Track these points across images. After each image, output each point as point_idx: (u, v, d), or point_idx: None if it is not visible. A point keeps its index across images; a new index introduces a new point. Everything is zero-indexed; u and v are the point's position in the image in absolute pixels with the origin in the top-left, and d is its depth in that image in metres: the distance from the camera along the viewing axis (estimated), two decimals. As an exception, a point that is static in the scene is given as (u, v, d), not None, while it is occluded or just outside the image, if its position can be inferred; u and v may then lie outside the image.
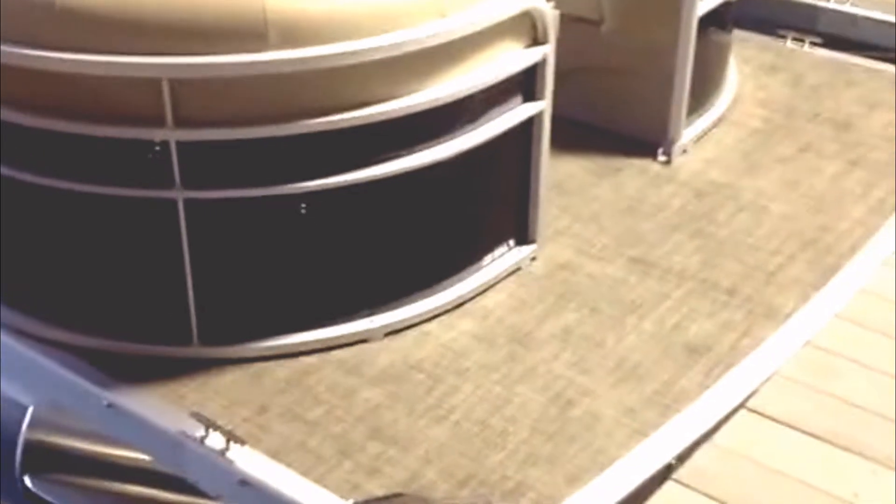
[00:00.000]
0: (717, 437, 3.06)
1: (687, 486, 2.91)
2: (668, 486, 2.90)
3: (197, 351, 3.24)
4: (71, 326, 3.27)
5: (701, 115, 4.33)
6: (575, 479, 2.90)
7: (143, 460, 3.55)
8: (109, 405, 3.11)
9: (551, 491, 2.87)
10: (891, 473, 2.95)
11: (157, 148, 2.95)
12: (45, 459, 3.55)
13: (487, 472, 2.92)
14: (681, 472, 2.94)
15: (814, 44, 4.88)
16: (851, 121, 4.40)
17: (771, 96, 4.57)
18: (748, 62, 4.79)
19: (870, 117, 4.42)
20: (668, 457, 2.98)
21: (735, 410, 3.14)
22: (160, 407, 3.08)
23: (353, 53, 2.95)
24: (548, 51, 3.39)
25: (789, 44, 4.91)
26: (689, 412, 3.12)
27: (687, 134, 4.23)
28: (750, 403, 3.16)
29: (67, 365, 3.21)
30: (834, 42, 4.86)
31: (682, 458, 3.00)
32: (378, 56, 2.99)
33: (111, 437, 3.35)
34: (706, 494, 2.89)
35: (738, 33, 4.62)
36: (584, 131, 4.19)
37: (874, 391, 3.22)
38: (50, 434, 3.59)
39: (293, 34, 2.89)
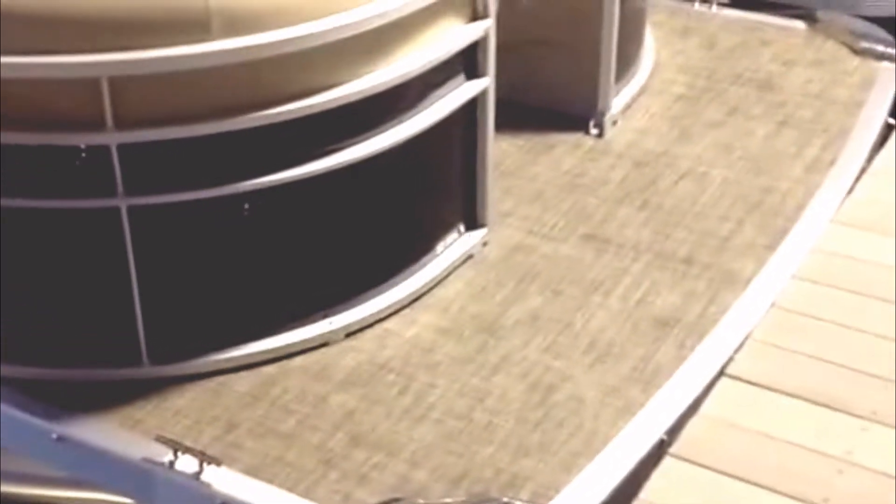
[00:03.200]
0: (704, 407, 3.00)
1: (685, 459, 2.83)
2: (667, 462, 2.83)
3: (148, 371, 3.02)
4: (4, 357, 3.00)
5: (625, 85, 4.26)
6: (570, 466, 2.79)
7: (91, 500, 3.31)
8: (59, 438, 2.87)
9: (549, 480, 2.76)
10: (881, 428, 2.93)
11: (97, 153, 2.72)
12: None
13: (479, 467, 2.79)
14: (676, 447, 2.86)
15: (721, 4, 4.86)
16: (773, 80, 4.39)
17: (689, 61, 4.53)
18: (660, 27, 4.74)
19: (789, 76, 4.42)
20: (658, 433, 2.90)
21: (715, 379, 3.08)
22: (117, 434, 2.87)
23: (301, 38, 2.79)
24: (489, 25, 3.26)
25: (697, 6, 4.88)
26: (670, 385, 3.05)
27: (615, 105, 4.15)
28: (729, 370, 3.11)
29: (4, 399, 2.95)
30: (740, 1, 4.85)
31: (671, 432, 2.93)
32: (324, 40, 2.84)
33: (58, 478, 3.11)
34: (704, 466, 2.82)
35: (647, -2, 4.58)
36: (511, 109, 4.03)
37: (844, 348, 3.20)
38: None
39: (237, 22, 2.70)
